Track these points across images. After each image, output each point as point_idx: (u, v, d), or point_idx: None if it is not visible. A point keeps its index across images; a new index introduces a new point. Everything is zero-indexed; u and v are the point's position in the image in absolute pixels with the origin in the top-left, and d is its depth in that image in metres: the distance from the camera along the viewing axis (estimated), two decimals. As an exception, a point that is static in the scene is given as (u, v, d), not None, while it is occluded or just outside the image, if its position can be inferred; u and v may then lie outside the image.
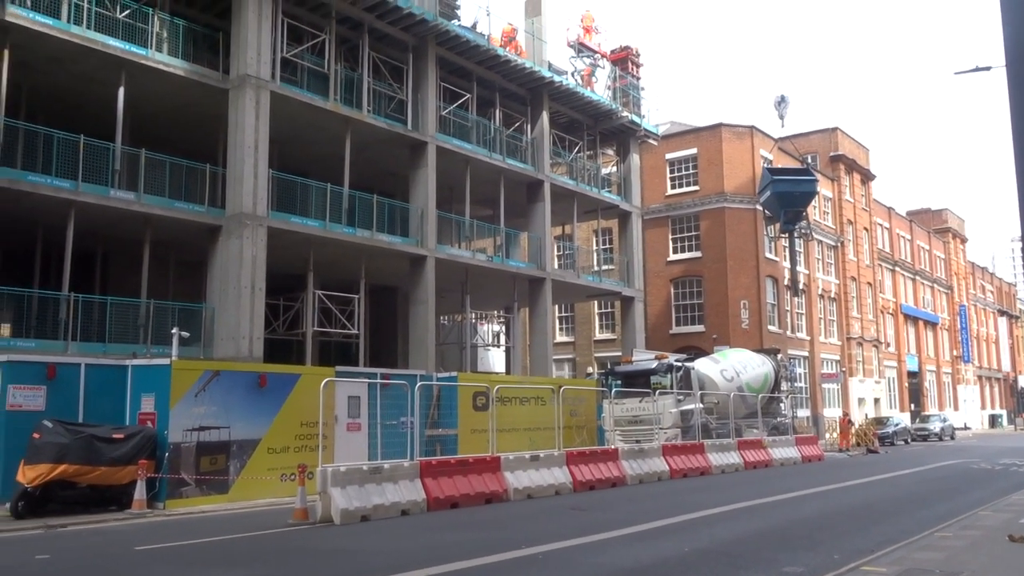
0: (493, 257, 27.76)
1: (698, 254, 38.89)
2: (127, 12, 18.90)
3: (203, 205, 20.00)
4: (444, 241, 26.44)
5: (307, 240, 21.69)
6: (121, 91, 18.77)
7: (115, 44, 18.39)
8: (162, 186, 19.34)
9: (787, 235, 38.61)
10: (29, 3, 17.34)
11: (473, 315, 30.49)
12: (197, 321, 19.41)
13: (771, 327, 38.94)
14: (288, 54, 21.49)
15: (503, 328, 36.09)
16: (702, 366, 25.60)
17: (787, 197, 36.73)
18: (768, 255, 39.56)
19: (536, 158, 29.35)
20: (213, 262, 20.30)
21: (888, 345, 53.87)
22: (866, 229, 51.95)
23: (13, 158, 17.24)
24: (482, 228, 28.34)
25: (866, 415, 45.66)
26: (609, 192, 33.39)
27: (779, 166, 40.02)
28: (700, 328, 38.19)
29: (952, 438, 44.21)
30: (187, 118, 21.62)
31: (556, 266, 32.87)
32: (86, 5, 18.14)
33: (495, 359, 37.05)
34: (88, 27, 18.09)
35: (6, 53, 16.91)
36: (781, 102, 38.97)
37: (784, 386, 29.80)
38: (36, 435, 12.74)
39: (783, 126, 40.32)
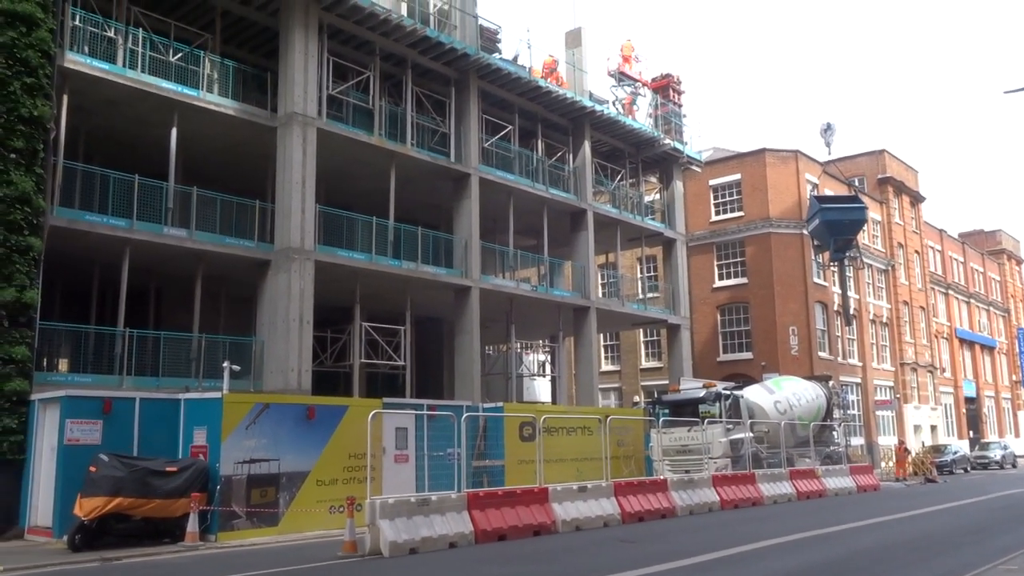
0: (537, 287, 27.79)
1: (744, 280, 38.46)
2: (179, 55, 19.51)
3: (252, 240, 20.40)
4: (488, 271, 26.57)
5: (354, 273, 21.97)
6: (174, 131, 19.31)
7: (168, 86, 18.97)
8: (213, 223, 19.78)
9: (837, 264, 37.96)
10: (87, 49, 18.00)
11: (518, 345, 30.48)
12: (247, 354, 19.72)
13: (821, 353, 38.24)
14: (334, 91, 21.95)
15: (548, 357, 35.98)
16: (751, 394, 25.21)
17: (836, 226, 36.10)
18: (816, 280, 38.98)
19: (579, 187, 29.43)
20: (262, 296, 20.65)
21: (943, 370, 52.50)
22: (917, 252, 50.93)
23: (72, 198, 17.80)
24: (526, 258, 28.42)
25: (922, 443, 44.40)
26: (653, 220, 33.29)
27: (827, 194, 39.49)
28: (748, 355, 37.66)
29: (1014, 466, 42.75)
30: (237, 156, 22.15)
31: (600, 295, 32.78)
32: (140, 50, 18.78)
33: (541, 389, 36.93)
34: (143, 71, 18.70)
35: (65, 98, 17.51)
36: (827, 130, 38.44)
37: (836, 414, 29.17)
38: (93, 468, 13.02)
39: (830, 154, 39.84)
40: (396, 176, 23.23)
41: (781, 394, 26.17)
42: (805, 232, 37.81)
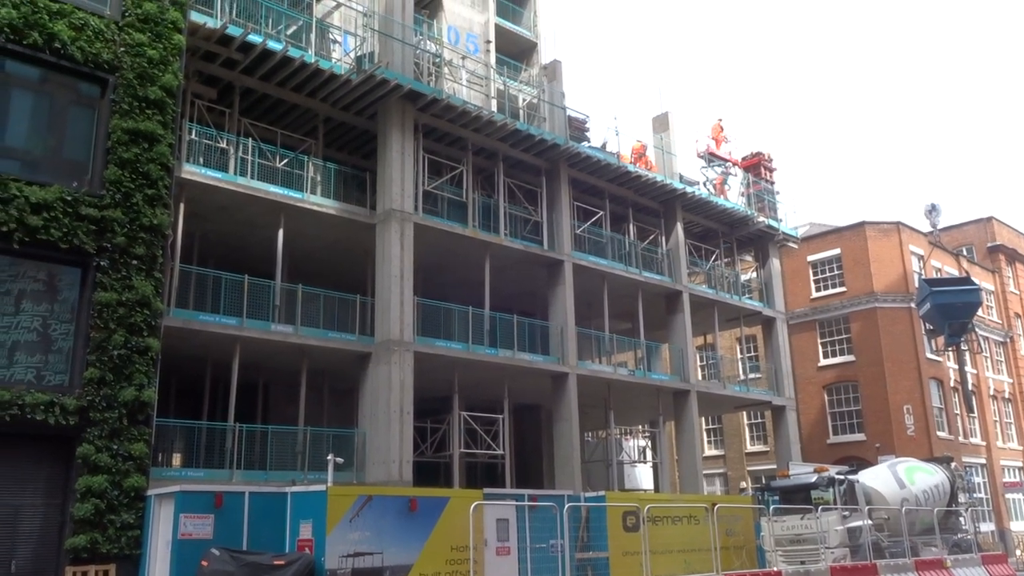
0: (635, 371, 27.45)
1: (851, 358, 37.03)
2: (285, 161, 20.65)
3: (354, 334, 20.95)
4: (585, 357, 26.44)
5: (452, 363, 22.22)
6: (280, 232, 20.27)
7: (275, 190, 20.02)
8: (317, 318, 20.47)
9: (953, 348, 35.90)
10: (202, 160, 19.27)
11: (618, 431, 29.98)
12: (349, 446, 20.03)
13: (940, 433, 36.16)
14: (429, 187, 22.71)
15: (649, 443, 35.21)
16: (867, 478, 23.89)
17: (949, 309, 34.14)
18: (929, 355, 37.16)
19: (673, 269, 29.25)
20: (363, 388, 21.07)
21: (1079, 448, 48.72)
22: (1037, 322, 48.14)
23: (186, 299, 18.78)
24: (622, 342, 28.19)
25: (1062, 528, 40.98)
26: (750, 298, 32.66)
27: (935, 272, 37.92)
28: (860, 437, 35.94)
29: None
30: (338, 252, 23.02)
31: (700, 377, 32.09)
32: (250, 158, 19.98)
33: (642, 476, 36.03)
34: (252, 177, 19.84)
35: (182, 206, 18.67)
36: (932, 211, 36.98)
37: (962, 498, 27.27)
38: (204, 563, 13.30)
39: (936, 235, 38.33)
40: (490, 265, 23.64)
41: (900, 477, 24.73)
42: (913, 305, 36.33)
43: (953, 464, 28.29)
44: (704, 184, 31.81)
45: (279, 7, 21.35)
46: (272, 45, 19.86)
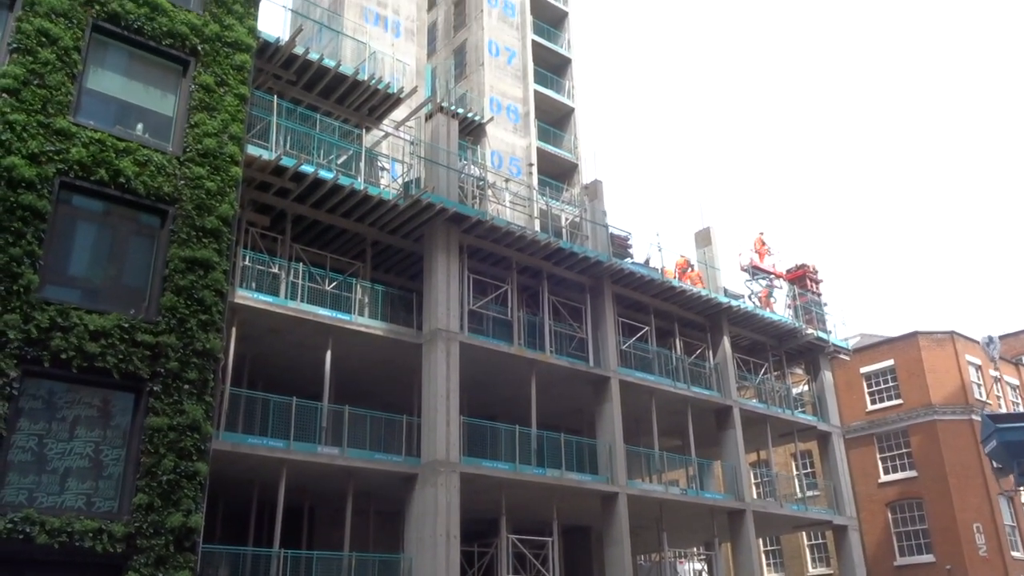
0: (687, 490, 26.66)
1: (913, 473, 35.54)
2: (334, 284, 21.12)
3: (400, 455, 20.80)
4: (634, 475, 25.81)
5: (498, 484, 21.83)
6: (328, 354, 20.51)
7: (324, 313, 20.40)
8: (363, 439, 20.41)
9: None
10: (254, 285, 19.80)
11: (671, 553, 28.86)
12: (395, 572, 19.57)
13: (1015, 553, 34.14)
14: (474, 306, 22.95)
15: (705, 567, 33.75)
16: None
17: (1018, 447, 32.29)
18: (1001, 495, 35.31)
19: (721, 383, 28.78)
20: (409, 511, 20.72)
21: None
22: (1110, 433, 45.89)
23: (236, 422, 18.91)
24: (672, 460, 27.54)
25: None
26: (803, 413, 31.85)
27: (1002, 411, 36.22)
28: (929, 558, 34.05)
29: None
30: (384, 372, 23.14)
31: (755, 496, 31.00)
32: (300, 282, 20.49)
33: (699, 601, 34.40)
34: (302, 300, 20.29)
35: (234, 330, 19.08)
36: (990, 343, 35.81)
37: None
38: None
39: (996, 368, 37.14)
40: (536, 383, 23.52)
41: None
42: (974, 417, 34.99)
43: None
44: (749, 297, 31.67)
45: (331, 138, 22.36)
46: (323, 174, 20.68)
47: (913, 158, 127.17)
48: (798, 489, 32.69)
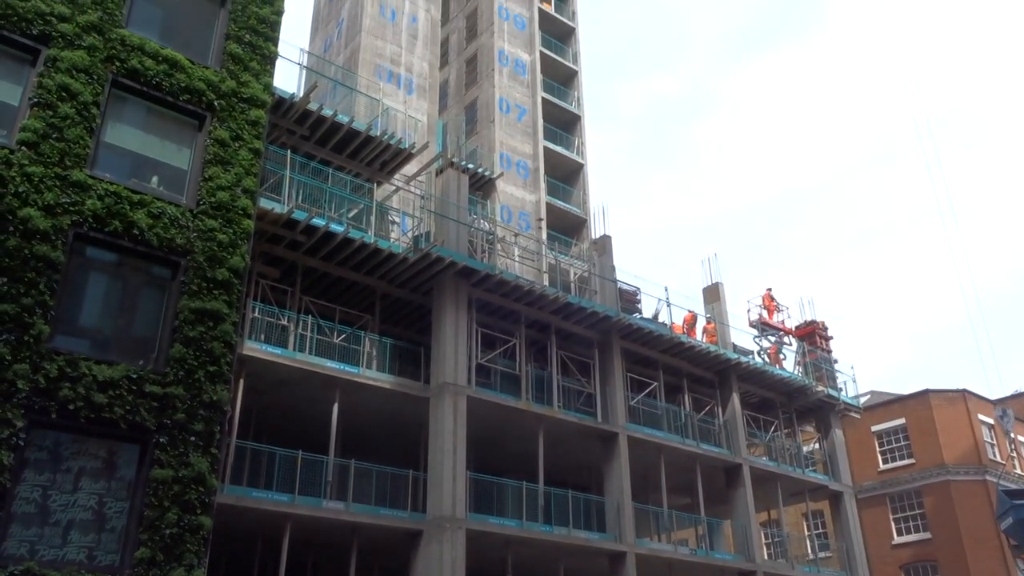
0: (696, 550, 26.18)
1: (927, 535, 34.90)
2: (343, 336, 21.13)
3: (406, 510, 20.55)
4: (643, 534, 25.39)
5: (505, 541, 21.51)
6: (335, 406, 20.42)
7: (332, 365, 20.37)
8: (369, 494, 20.19)
9: None
10: (263, 337, 19.83)
11: (680, 615, 28.20)
12: (399, 632, 19.16)
13: (1034, 620, 33.27)
14: (482, 360, 22.89)
15: (714, 629, 32.94)
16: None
17: None
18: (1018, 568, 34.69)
19: (731, 441, 28.48)
20: (414, 568, 20.38)
21: None
22: None
23: (241, 476, 18.76)
24: (682, 518, 27.10)
25: None
26: (814, 471, 31.41)
27: (1017, 487, 35.64)
28: (945, 623, 33.23)
29: None
30: (391, 425, 23.01)
31: (766, 556, 30.42)
32: (309, 334, 20.51)
33: (709, 665, 33.46)
34: (311, 352, 20.29)
35: (242, 382, 19.05)
36: (1003, 416, 35.42)
37: None
38: None
39: (1011, 442, 36.73)
40: (544, 438, 23.32)
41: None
42: (988, 478, 34.48)
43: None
44: (758, 354, 31.51)
45: (342, 192, 22.59)
46: (334, 228, 20.85)
47: (924, 208, 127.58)
48: (810, 550, 32.11)
